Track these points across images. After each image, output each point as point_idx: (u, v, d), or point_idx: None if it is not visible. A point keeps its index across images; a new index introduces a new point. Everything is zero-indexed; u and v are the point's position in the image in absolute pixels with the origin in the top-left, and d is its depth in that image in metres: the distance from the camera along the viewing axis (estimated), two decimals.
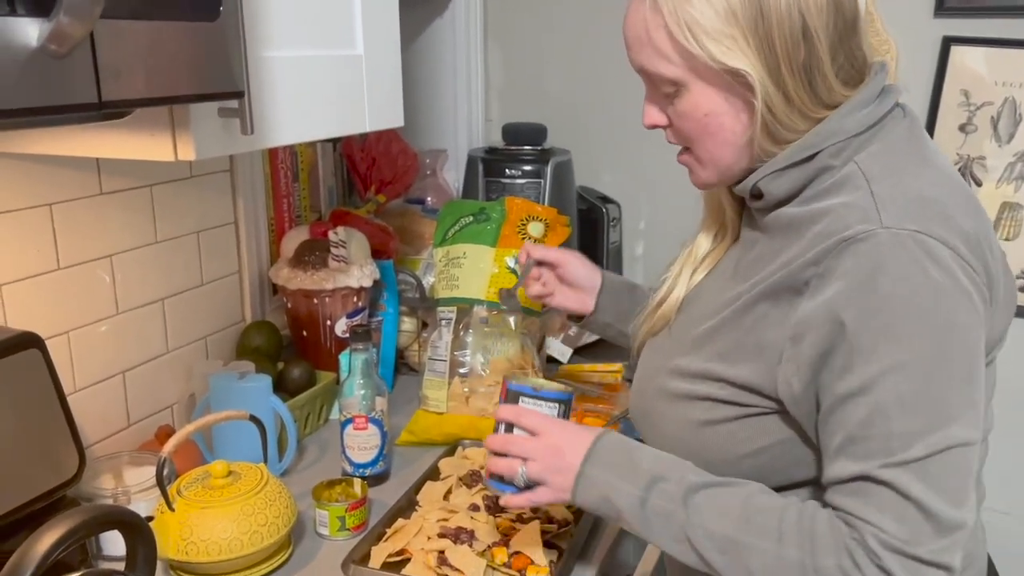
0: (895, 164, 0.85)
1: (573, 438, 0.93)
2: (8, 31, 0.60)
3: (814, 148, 0.86)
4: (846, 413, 0.80)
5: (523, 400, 0.99)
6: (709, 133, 0.88)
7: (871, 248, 0.79)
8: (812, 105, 0.85)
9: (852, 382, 0.79)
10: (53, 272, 1.17)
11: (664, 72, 0.87)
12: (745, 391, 0.88)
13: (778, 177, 0.87)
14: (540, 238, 1.51)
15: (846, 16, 0.85)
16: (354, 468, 1.30)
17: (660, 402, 0.96)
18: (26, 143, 0.97)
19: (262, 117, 0.94)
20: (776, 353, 0.85)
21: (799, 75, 0.84)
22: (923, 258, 0.78)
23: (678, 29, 0.84)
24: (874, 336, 0.78)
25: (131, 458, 1.21)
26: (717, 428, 0.90)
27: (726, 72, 0.84)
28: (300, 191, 1.72)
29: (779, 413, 0.87)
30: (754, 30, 0.82)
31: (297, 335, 1.57)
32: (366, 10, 1.09)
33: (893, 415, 0.77)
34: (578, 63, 2.04)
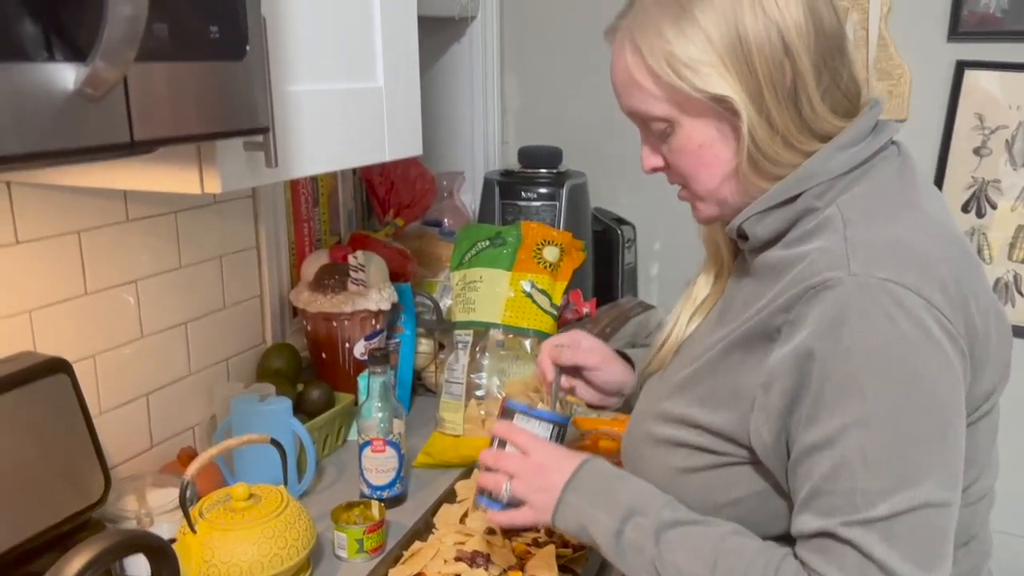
0: (875, 207, 0.82)
1: (559, 461, 0.93)
2: (47, 76, 0.62)
3: (797, 189, 0.84)
4: (811, 465, 0.77)
5: (518, 418, 0.99)
6: (704, 165, 0.87)
7: (837, 296, 0.76)
8: (799, 133, 0.83)
9: (816, 434, 0.77)
10: (81, 297, 1.20)
11: (653, 111, 0.87)
12: (721, 439, 0.86)
13: (763, 218, 0.86)
14: (555, 262, 1.53)
15: (828, 34, 0.83)
16: (372, 490, 1.31)
17: (645, 446, 0.95)
18: (57, 176, 1.00)
19: (286, 149, 0.96)
20: (749, 401, 0.83)
21: (783, 99, 0.82)
22: (891, 307, 0.74)
23: (658, 65, 0.84)
24: (837, 388, 0.75)
25: (154, 480, 1.24)
26: (695, 476, 0.88)
27: (711, 100, 0.83)
28: (320, 215, 1.75)
29: (754, 463, 0.85)
30: (732, 55, 0.81)
31: (316, 357, 1.60)
32: (386, 43, 1.12)
33: (857, 471, 0.75)
34: (593, 86, 2.07)
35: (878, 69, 1.82)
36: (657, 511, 0.86)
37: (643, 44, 0.84)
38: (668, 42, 0.83)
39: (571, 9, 2.05)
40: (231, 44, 0.78)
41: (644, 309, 1.90)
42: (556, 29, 2.09)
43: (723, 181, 0.87)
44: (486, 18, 2.05)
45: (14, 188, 1.08)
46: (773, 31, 0.81)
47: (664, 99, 0.85)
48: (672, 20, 0.83)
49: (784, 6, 0.81)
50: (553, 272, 1.51)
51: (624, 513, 0.87)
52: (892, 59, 1.81)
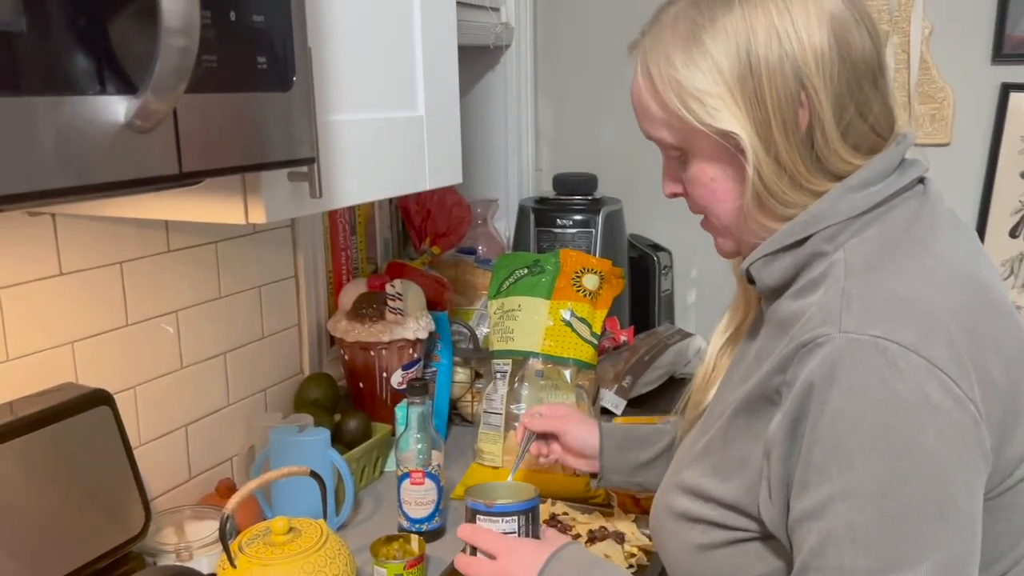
0: (881, 254, 0.75)
1: (526, 559, 0.89)
2: (98, 109, 0.62)
3: (805, 232, 0.77)
4: (802, 536, 0.72)
5: (479, 519, 0.96)
6: (717, 200, 0.83)
7: (826, 355, 0.69)
8: (810, 173, 0.77)
9: (806, 502, 0.71)
10: (122, 328, 1.20)
11: (664, 138, 0.83)
12: (733, 512, 0.81)
13: (769, 263, 0.80)
14: (595, 290, 1.51)
15: (856, 63, 0.76)
16: (411, 523, 1.29)
17: (666, 520, 0.90)
18: (102, 207, 1.00)
19: (329, 179, 0.96)
20: (756, 471, 0.77)
21: (794, 136, 0.76)
22: (883, 368, 0.67)
23: (665, 93, 0.79)
24: (825, 454, 0.69)
25: (193, 512, 1.23)
26: (714, 554, 0.83)
27: (717, 135, 0.77)
28: (358, 244, 1.74)
29: (768, 539, 0.79)
30: (742, 87, 0.75)
31: (354, 386, 1.59)
32: (428, 72, 1.12)
33: (844, 547, 0.68)
34: (626, 112, 2.03)
35: (920, 92, 1.79)
36: None
37: (653, 69, 0.80)
38: (676, 70, 0.78)
39: (604, 36, 2.05)
40: (278, 75, 0.78)
41: (683, 337, 1.88)
42: (589, 56, 2.09)
43: (737, 218, 0.82)
44: (520, 46, 2.06)
45: (58, 220, 1.09)
46: (788, 62, 0.75)
47: (673, 128, 0.81)
48: (683, 46, 0.78)
49: (805, 32, 0.75)
50: (593, 300, 1.50)
51: None
52: (935, 82, 1.78)
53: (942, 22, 1.76)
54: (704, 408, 0.95)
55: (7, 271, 1.05)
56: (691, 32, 0.78)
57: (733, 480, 0.80)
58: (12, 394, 1.04)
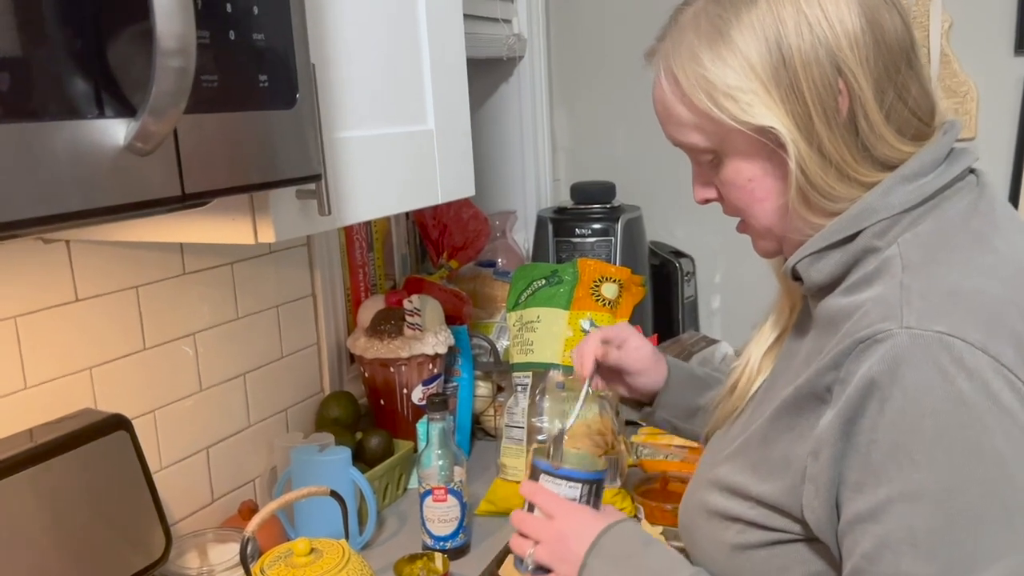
0: (940, 248, 0.72)
1: (581, 526, 0.87)
2: (97, 133, 0.62)
3: (855, 227, 0.74)
4: (855, 540, 0.68)
5: (543, 478, 0.93)
6: (757, 200, 0.79)
7: (887, 352, 0.66)
8: (857, 163, 0.74)
9: (861, 504, 0.68)
10: (139, 352, 1.20)
11: (695, 142, 0.80)
12: (774, 512, 0.77)
13: (817, 260, 0.77)
14: (614, 299, 1.49)
15: (890, 45, 0.74)
16: (434, 541, 1.28)
17: (699, 517, 0.87)
18: (112, 231, 1.00)
19: (338, 196, 0.95)
20: (800, 471, 0.74)
21: (836, 125, 0.73)
22: (949, 366, 0.64)
23: (694, 95, 0.76)
24: (885, 455, 0.66)
25: (215, 535, 1.22)
26: (750, 554, 0.80)
27: (754, 131, 0.74)
28: (375, 261, 1.74)
29: (810, 541, 0.76)
30: (776, 80, 0.73)
31: (375, 404, 1.58)
32: (436, 85, 1.11)
33: (903, 552, 0.65)
34: (643, 119, 2.02)
35: (942, 87, 1.75)
36: None
37: (678, 71, 0.77)
38: (705, 69, 0.75)
39: (617, 44, 2.04)
40: (281, 92, 0.77)
41: (708, 343, 1.85)
42: (603, 65, 2.08)
43: (779, 216, 0.79)
44: (533, 57, 2.05)
45: (73, 246, 1.09)
46: (822, 49, 0.72)
47: (705, 130, 0.78)
48: (708, 44, 0.75)
49: (836, 18, 0.72)
50: (613, 309, 1.47)
51: None
52: (956, 76, 1.75)
53: (962, 15, 1.73)
54: (740, 409, 0.92)
55: (23, 299, 1.05)
56: (716, 29, 0.75)
57: (774, 479, 0.77)
58: (31, 421, 1.04)
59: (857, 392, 0.68)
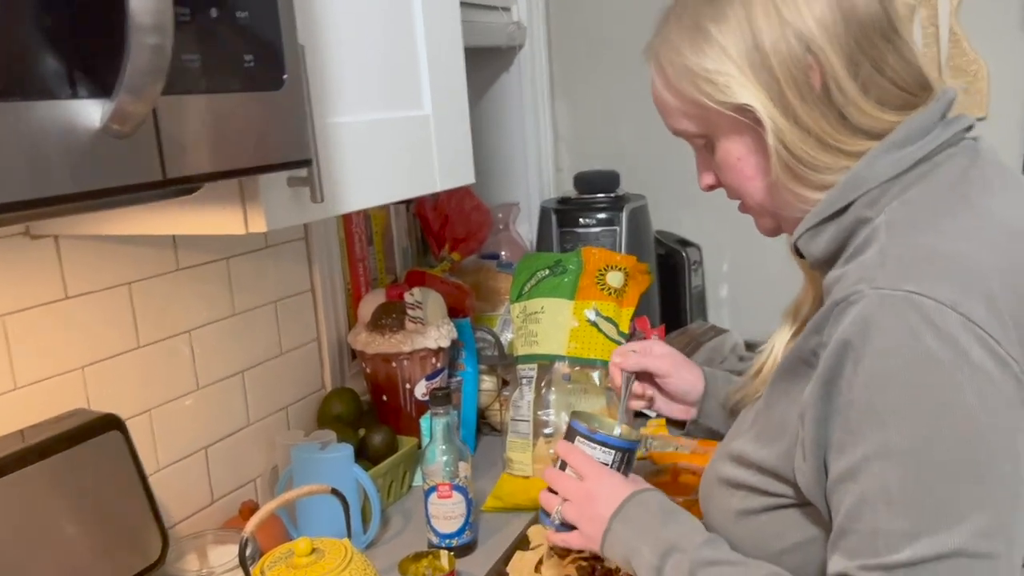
0: (924, 212, 0.74)
1: (610, 490, 0.90)
2: (71, 114, 0.59)
3: (846, 199, 0.77)
4: (838, 499, 0.71)
5: (578, 440, 0.95)
6: (747, 178, 0.83)
7: (859, 312, 0.69)
8: (838, 132, 0.76)
9: (842, 464, 0.70)
10: (133, 351, 1.17)
11: (687, 128, 0.85)
12: (772, 478, 0.81)
13: (815, 235, 0.79)
14: (620, 288, 1.45)
15: (862, 20, 0.76)
16: (440, 539, 1.25)
17: (712, 487, 0.91)
18: (98, 224, 0.97)
19: (332, 184, 0.92)
20: (792, 434, 0.77)
21: (811, 99, 0.76)
22: (918, 324, 0.66)
23: (678, 82, 0.82)
24: (859, 414, 0.68)
25: (215, 537, 1.19)
26: (750, 520, 0.83)
27: (733, 111, 0.79)
28: (375, 254, 1.71)
29: (804, 506, 0.79)
30: (749, 61, 0.77)
31: (377, 400, 1.55)
32: (432, 69, 1.08)
33: (879, 509, 0.67)
34: (645, 106, 1.96)
35: (952, 67, 1.71)
36: (696, 548, 0.83)
37: (664, 63, 0.84)
38: (685, 58, 0.81)
39: (617, 31, 2.00)
40: (267, 73, 0.74)
41: (717, 333, 1.82)
42: (604, 53, 2.04)
43: (769, 192, 0.83)
44: (534, 46, 2.02)
45: (61, 242, 1.06)
46: (790, 32, 0.76)
47: (692, 115, 0.84)
48: (689, 36, 0.81)
49: (804, 3, 0.76)
50: (618, 298, 1.44)
51: (665, 548, 0.84)
52: (966, 55, 1.70)
53: None
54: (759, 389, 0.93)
55: (10, 297, 1.02)
56: (695, 23, 0.81)
57: (773, 445, 0.80)
58: (22, 422, 1.01)
59: (833, 354, 0.70)
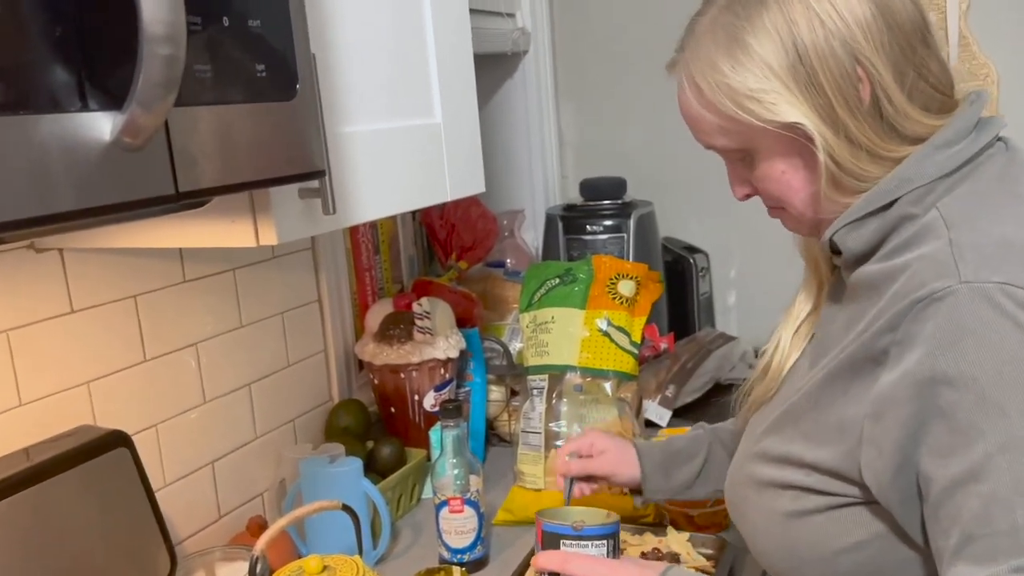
0: (979, 206, 0.75)
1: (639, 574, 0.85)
2: (82, 127, 0.57)
3: (892, 195, 0.77)
4: (957, 506, 0.68)
5: (565, 543, 0.89)
6: (793, 191, 0.82)
7: (951, 308, 0.68)
8: (887, 142, 0.76)
9: (956, 468, 0.68)
10: (140, 364, 1.15)
11: (725, 144, 0.83)
12: (831, 478, 0.78)
13: (855, 229, 0.79)
14: (632, 297, 1.44)
15: (903, 27, 0.76)
16: (452, 554, 1.23)
17: (748, 490, 0.88)
18: (107, 238, 0.95)
19: (343, 195, 0.90)
20: (856, 434, 0.75)
21: (859, 112, 0.75)
22: (1016, 312, 0.67)
23: (718, 100, 0.79)
24: (971, 411, 0.67)
25: (223, 554, 1.17)
26: (806, 520, 0.80)
27: (781, 128, 0.77)
28: (382, 264, 1.69)
29: (870, 503, 0.77)
30: (795, 77, 0.75)
31: (385, 412, 1.53)
32: (442, 77, 1.06)
33: (1016, 503, 0.65)
34: (652, 112, 1.99)
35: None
36: None
37: (700, 80, 0.80)
38: (724, 75, 0.78)
39: (622, 37, 1.99)
40: (280, 84, 0.72)
41: (726, 341, 1.80)
42: (609, 58, 2.03)
43: (814, 202, 0.82)
44: (538, 52, 2.00)
45: (66, 255, 1.04)
46: (836, 41, 0.74)
47: (733, 133, 0.81)
48: (726, 51, 0.78)
49: (846, 10, 0.75)
50: (630, 307, 1.42)
51: None
52: (976, 58, 1.69)
53: None
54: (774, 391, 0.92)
55: (15, 311, 1.00)
56: (731, 36, 0.78)
57: (830, 445, 0.78)
58: (28, 439, 0.99)
59: (927, 352, 0.69)
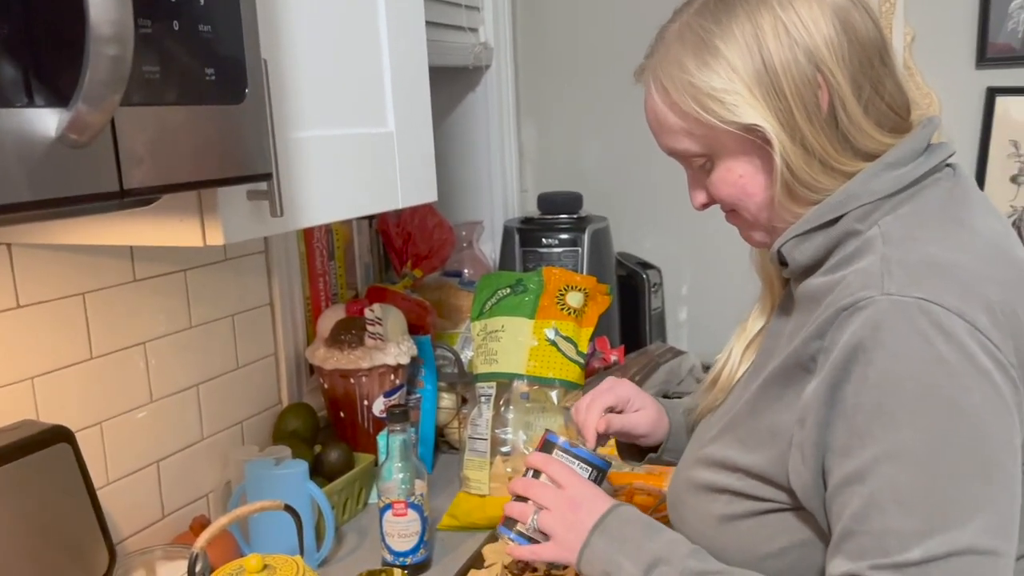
0: (917, 227, 0.77)
1: (592, 500, 0.90)
2: (27, 122, 0.58)
3: (838, 211, 0.79)
4: (843, 503, 0.72)
5: (557, 452, 0.97)
6: (748, 194, 0.84)
7: (869, 317, 0.71)
8: (840, 154, 0.79)
9: (848, 467, 0.71)
10: (86, 362, 1.15)
11: (688, 147, 0.84)
12: (761, 482, 0.81)
13: (802, 242, 0.81)
14: (580, 308, 1.47)
15: (863, 43, 0.79)
16: (394, 557, 1.24)
17: (687, 493, 0.91)
18: (54, 233, 0.96)
19: (293, 198, 0.92)
20: (787, 439, 0.78)
21: (818, 120, 0.78)
22: (928, 329, 0.68)
23: (682, 100, 0.81)
24: (868, 417, 0.70)
25: (164, 552, 1.17)
26: (736, 524, 0.83)
27: (742, 131, 0.79)
28: (336, 269, 1.70)
29: (797, 510, 0.80)
30: (758, 81, 0.78)
31: (334, 416, 1.54)
32: (396, 87, 1.08)
33: (889, 509, 0.68)
34: (610, 130, 2.03)
35: None
36: (682, 560, 0.82)
37: (666, 80, 0.82)
38: (691, 75, 0.80)
39: (585, 55, 2.03)
40: (229, 87, 0.74)
41: (675, 355, 1.83)
42: (571, 75, 2.06)
43: (767, 208, 0.84)
44: (500, 67, 2.03)
45: (14, 250, 1.05)
46: (800, 52, 0.77)
47: (695, 134, 0.83)
48: (694, 53, 0.80)
49: (811, 23, 0.78)
50: (578, 318, 1.45)
51: (649, 561, 0.83)
52: (919, 88, 1.76)
53: (924, 28, 1.74)
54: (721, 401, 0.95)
55: None
56: (700, 40, 0.80)
57: (762, 450, 0.81)
58: None
59: (842, 357, 0.72)
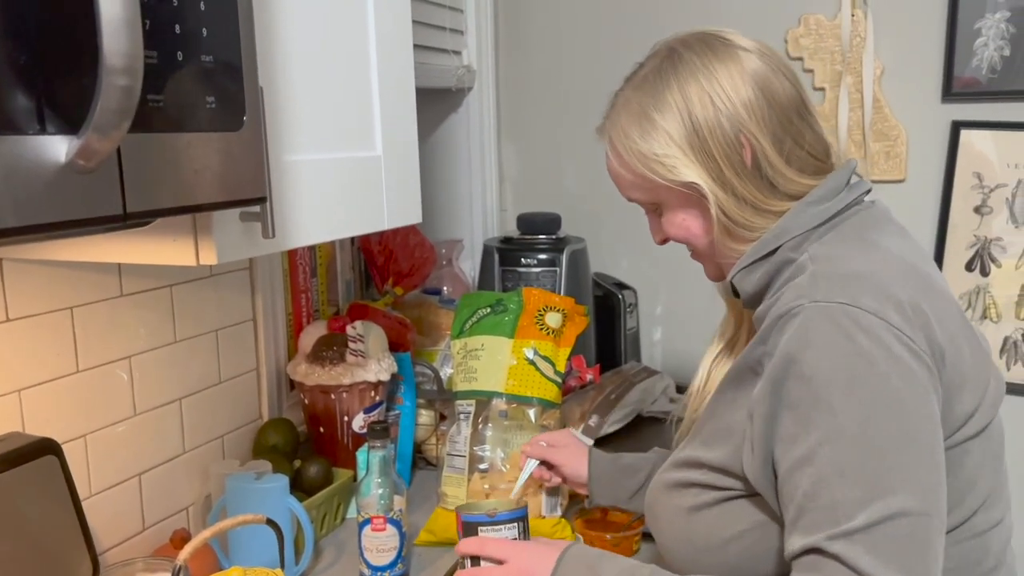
0: (840, 249, 0.90)
1: (539, 558, 0.96)
2: (39, 149, 0.61)
3: (774, 244, 0.92)
4: (794, 485, 0.81)
5: (482, 530, 1.02)
6: (694, 235, 0.99)
7: (801, 321, 0.83)
8: (768, 198, 0.93)
9: (796, 453, 0.81)
10: (72, 375, 1.17)
11: (641, 197, 1.01)
12: (721, 474, 0.92)
13: (748, 273, 0.95)
14: (558, 328, 1.50)
15: (782, 104, 0.93)
16: (372, 571, 1.26)
17: (661, 493, 1.01)
18: (49, 251, 0.98)
19: (283, 219, 0.95)
20: (740, 434, 0.89)
21: (744, 173, 0.92)
22: (850, 327, 0.80)
23: (632, 163, 0.96)
24: (809, 406, 0.80)
25: (145, 564, 1.18)
26: (702, 514, 0.93)
27: (681, 186, 0.94)
28: (318, 286, 1.73)
29: (752, 496, 0.90)
30: (690, 144, 0.92)
31: (314, 431, 1.55)
32: (385, 112, 1.12)
33: (834, 484, 0.78)
34: (590, 153, 2.05)
35: (875, 131, 1.82)
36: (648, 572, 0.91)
37: (618, 145, 0.98)
38: (635, 142, 0.95)
39: (566, 79, 2.07)
40: (228, 115, 0.77)
41: (649, 375, 1.87)
42: (551, 98, 2.11)
43: (710, 247, 0.99)
44: (482, 88, 2.07)
45: (5, 264, 1.06)
46: (723, 117, 0.91)
47: (645, 188, 0.98)
48: (637, 122, 0.95)
49: (732, 91, 0.91)
50: (556, 338, 1.49)
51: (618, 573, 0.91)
52: (887, 120, 1.82)
53: (893, 63, 1.80)
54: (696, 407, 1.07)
55: None
56: (641, 110, 0.95)
57: (721, 446, 0.92)
58: None
59: (780, 359, 0.83)
